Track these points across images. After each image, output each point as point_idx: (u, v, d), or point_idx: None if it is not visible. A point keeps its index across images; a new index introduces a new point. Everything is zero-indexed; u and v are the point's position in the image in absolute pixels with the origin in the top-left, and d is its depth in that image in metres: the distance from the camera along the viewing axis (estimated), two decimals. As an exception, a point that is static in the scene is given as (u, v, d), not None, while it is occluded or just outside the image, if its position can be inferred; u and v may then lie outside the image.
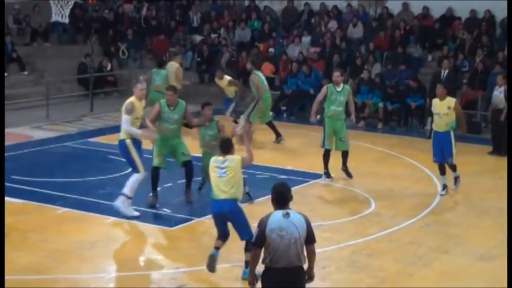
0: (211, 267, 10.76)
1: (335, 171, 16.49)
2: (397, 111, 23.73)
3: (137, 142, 13.58)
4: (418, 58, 25.98)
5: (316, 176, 16.66)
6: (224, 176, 10.67)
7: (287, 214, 7.98)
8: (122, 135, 13.60)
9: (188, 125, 14.53)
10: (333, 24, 28.29)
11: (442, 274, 11.60)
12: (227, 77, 21.69)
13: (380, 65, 25.55)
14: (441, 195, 15.60)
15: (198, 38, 29.32)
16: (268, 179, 15.79)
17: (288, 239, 7.92)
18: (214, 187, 10.76)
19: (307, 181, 16.34)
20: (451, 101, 15.53)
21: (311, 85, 24.60)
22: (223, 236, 10.91)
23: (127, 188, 13.48)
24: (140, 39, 29.71)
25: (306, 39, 27.91)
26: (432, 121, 16.20)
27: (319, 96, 16.58)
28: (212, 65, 27.81)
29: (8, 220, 13.16)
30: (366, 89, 23.84)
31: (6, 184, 14.64)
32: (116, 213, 13.81)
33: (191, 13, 30.58)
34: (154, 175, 14.34)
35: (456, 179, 15.91)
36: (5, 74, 25.62)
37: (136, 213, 13.53)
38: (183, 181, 14.61)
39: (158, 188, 14.55)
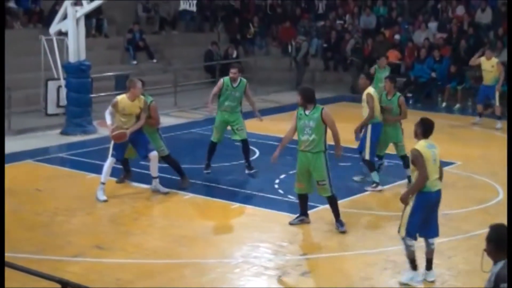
0: None
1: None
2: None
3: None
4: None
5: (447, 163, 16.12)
6: None
7: None
8: None
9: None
10: (460, 9, 27.78)
11: None
12: (495, 59, 21.10)
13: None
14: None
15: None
16: (394, 167, 15.60)
17: None
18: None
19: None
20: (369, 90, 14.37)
21: (440, 72, 24.27)
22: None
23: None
24: (266, 26, 29.89)
25: (433, 24, 27.48)
26: None
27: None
28: (337, 52, 27.73)
29: (136, 205, 13.57)
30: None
31: (135, 169, 15.03)
32: (241, 199, 13.99)
33: (316, 0, 30.55)
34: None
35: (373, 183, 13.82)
36: (135, 62, 26.29)
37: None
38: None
39: (282, 176, 14.70)
